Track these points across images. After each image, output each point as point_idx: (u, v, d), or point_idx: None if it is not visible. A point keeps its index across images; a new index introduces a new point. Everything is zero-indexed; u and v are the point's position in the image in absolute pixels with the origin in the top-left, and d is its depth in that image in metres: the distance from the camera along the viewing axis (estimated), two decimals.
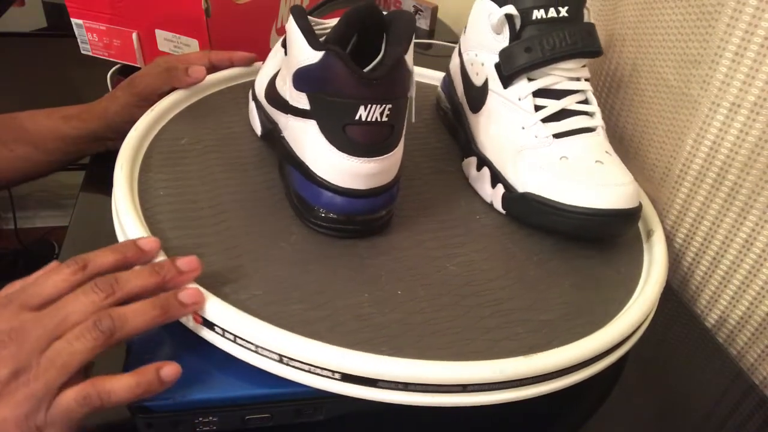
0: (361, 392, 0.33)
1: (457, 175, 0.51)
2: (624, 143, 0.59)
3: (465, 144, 0.52)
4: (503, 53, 0.46)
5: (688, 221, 0.52)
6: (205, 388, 0.33)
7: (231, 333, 0.33)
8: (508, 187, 0.46)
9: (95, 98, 0.57)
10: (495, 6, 0.46)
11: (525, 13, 0.45)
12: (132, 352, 0.34)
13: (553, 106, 0.45)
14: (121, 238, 0.40)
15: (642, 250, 0.47)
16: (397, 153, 0.40)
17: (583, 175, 0.43)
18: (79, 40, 0.73)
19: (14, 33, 0.91)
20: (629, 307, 0.41)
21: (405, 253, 0.42)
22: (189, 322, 0.34)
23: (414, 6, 1.04)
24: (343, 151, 0.38)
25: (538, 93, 0.46)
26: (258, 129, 0.50)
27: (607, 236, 0.45)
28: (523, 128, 0.45)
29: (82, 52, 0.73)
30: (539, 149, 0.45)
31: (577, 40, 0.45)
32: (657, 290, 0.42)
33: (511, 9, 0.45)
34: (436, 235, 0.44)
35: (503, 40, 0.46)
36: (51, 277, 0.31)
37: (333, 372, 0.32)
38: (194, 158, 0.47)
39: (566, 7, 0.45)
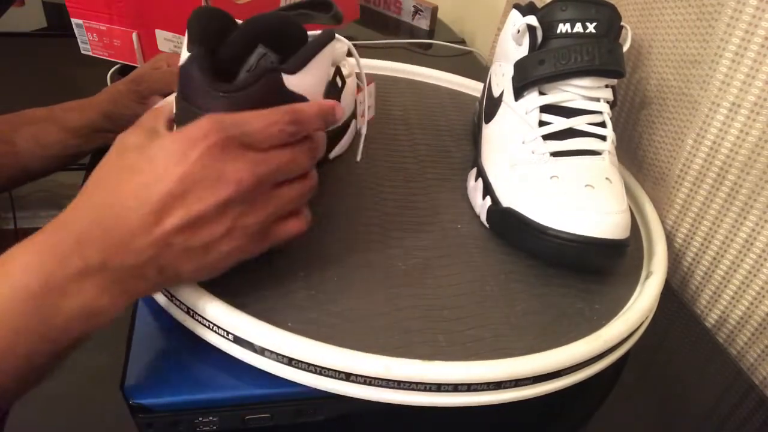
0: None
1: (460, 185, 0.51)
2: (624, 143, 0.59)
3: (475, 154, 0.52)
4: (518, 64, 0.45)
5: (688, 221, 0.52)
6: (205, 388, 0.33)
7: (185, 305, 0.34)
8: (495, 201, 0.44)
9: None
10: (519, 16, 0.45)
11: (549, 26, 0.44)
12: (132, 352, 0.35)
13: (559, 123, 0.43)
14: None
15: (633, 291, 0.43)
16: None
17: (568, 197, 0.40)
18: (79, 40, 0.73)
19: (14, 33, 0.91)
20: (629, 307, 0.41)
21: (360, 243, 0.42)
22: None
23: (414, 6, 1.04)
24: None
25: (547, 109, 0.44)
26: None
27: (585, 267, 0.42)
28: (523, 143, 0.44)
29: (82, 52, 0.73)
30: (533, 166, 0.43)
31: (594, 57, 0.43)
32: (657, 290, 0.42)
33: (532, 20, 0.44)
34: (404, 235, 0.43)
35: (523, 52, 0.45)
36: (268, 127, 0.31)
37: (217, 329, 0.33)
38: None
39: (594, 23, 0.43)
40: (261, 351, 0.33)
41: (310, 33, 0.39)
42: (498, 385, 0.34)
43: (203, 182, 0.29)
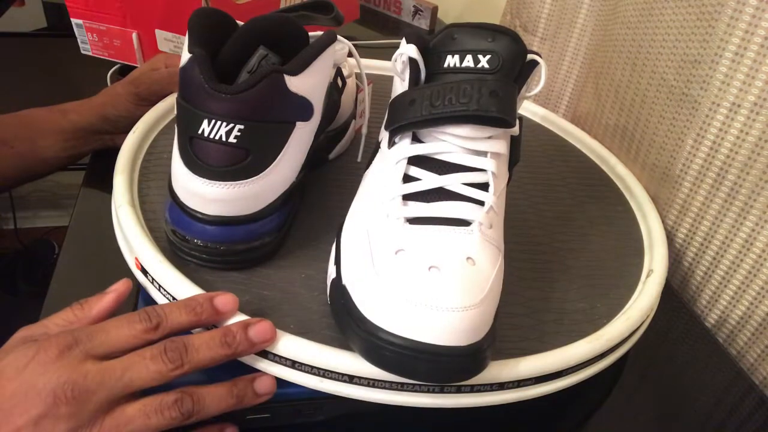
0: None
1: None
2: (624, 143, 0.59)
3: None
4: (391, 103, 0.37)
5: (688, 221, 0.52)
6: None
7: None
8: (339, 273, 0.35)
9: None
10: (403, 45, 0.35)
11: (438, 58, 0.35)
12: None
13: (428, 180, 0.34)
14: (120, 240, 0.40)
15: (633, 291, 0.43)
16: (258, 185, 0.35)
17: (401, 281, 0.30)
18: (79, 40, 0.73)
19: (14, 33, 0.91)
20: (629, 306, 0.41)
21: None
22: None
23: (414, 6, 1.04)
24: (187, 167, 0.35)
25: (420, 161, 0.35)
26: None
27: (408, 375, 0.30)
28: (382, 203, 0.35)
29: (82, 52, 0.73)
30: (383, 234, 0.33)
31: (471, 101, 0.33)
32: (657, 290, 0.42)
33: (411, 50, 0.35)
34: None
35: (405, 89, 0.36)
36: (122, 330, 0.30)
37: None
38: None
39: (488, 56, 0.34)
40: (263, 354, 0.33)
41: (311, 34, 0.39)
42: (501, 386, 0.34)
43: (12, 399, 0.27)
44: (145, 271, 0.36)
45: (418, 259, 0.31)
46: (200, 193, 0.35)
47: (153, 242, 0.37)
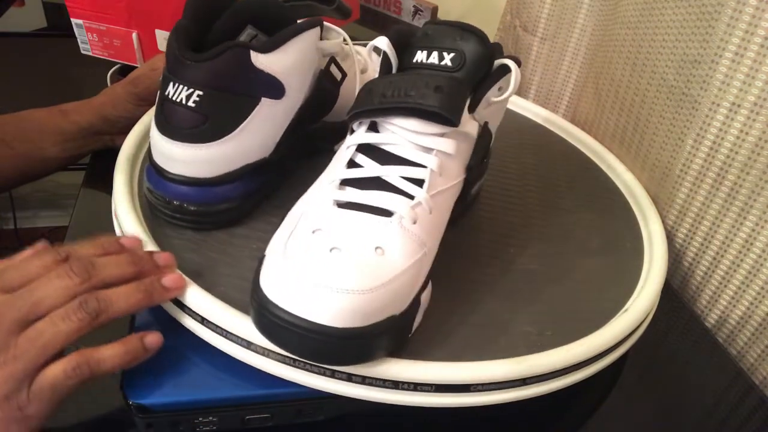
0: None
1: None
2: (624, 143, 0.59)
3: None
4: (358, 92, 0.38)
5: (688, 221, 0.52)
6: (205, 388, 0.33)
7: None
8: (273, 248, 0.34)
9: None
10: (377, 39, 0.37)
11: (409, 53, 0.37)
12: None
13: (369, 169, 0.35)
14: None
15: (633, 291, 0.42)
16: (218, 149, 0.38)
17: (300, 257, 0.31)
18: (79, 40, 0.73)
19: (14, 33, 0.91)
20: (629, 306, 0.41)
21: None
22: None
23: (414, 6, 1.04)
24: (157, 127, 0.38)
25: (368, 150, 0.35)
26: None
27: (282, 346, 0.31)
28: (325, 185, 0.36)
29: (82, 52, 0.73)
30: (312, 214, 0.34)
31: (417, 94, 0.34)
32: (657, 290, 0.42)
33: (382, 42, 0.36)
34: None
35: None
36: (32, 262, 0.31)
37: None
38: None
39: (452, 55, 0.35)
40: (180, 306, 0.34)
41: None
42: (395, 385, 0.33)
43: None
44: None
45: (326, 240, 0.32)
46: (166, 153, 0.38)
47: (146, 233, 0.38)
